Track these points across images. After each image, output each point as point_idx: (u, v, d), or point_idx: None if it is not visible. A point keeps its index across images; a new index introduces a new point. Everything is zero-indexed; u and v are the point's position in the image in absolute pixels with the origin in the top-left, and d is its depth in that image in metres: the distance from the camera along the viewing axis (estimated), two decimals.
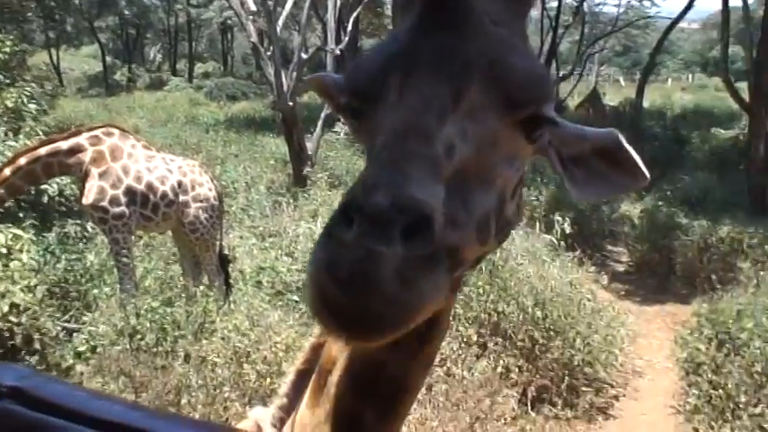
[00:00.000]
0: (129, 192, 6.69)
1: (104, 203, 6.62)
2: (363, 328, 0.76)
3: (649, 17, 37.65)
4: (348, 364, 1.19)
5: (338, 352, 1.23)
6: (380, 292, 0.73)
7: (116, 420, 1.00)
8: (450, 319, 1.29)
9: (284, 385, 1.42)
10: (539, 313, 6.93)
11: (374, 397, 1.17)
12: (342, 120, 19.34)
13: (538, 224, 10.97)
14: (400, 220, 0.74)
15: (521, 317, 6.91)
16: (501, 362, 6.67)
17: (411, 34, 0.96)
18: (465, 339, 6.71)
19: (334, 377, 1.21)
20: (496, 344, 6.84)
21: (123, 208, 6.67)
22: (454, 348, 6.52)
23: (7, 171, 6.48)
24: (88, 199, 6.64)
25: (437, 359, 6.28)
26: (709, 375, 6.64)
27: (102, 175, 6.64)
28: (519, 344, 6.84)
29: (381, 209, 0.74)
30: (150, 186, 6.86)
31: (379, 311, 0.74)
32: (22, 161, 6.49)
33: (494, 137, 0.94)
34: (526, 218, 11.75)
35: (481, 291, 7.05)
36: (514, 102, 0.95)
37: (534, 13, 31.25)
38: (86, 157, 6.65)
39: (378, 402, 1.17)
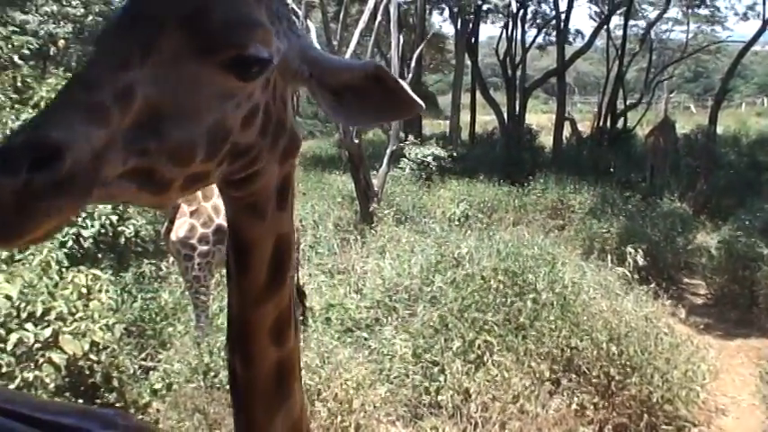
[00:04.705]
0: (219, 231, 6.69)
1: (193, 241, 6.72)
2: None
3: (721, 42, 36.77)
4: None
5: None
6: None
7: None
8: (289, 251, 1.36)
9: None
10: (614, 349, 6.72)
11: (233, 341, 1.35)
12: (407, 156, 19.10)
13: (609, 257, 10.72)
14: (27, 155, 0.85)
15: (595, 352, 6.72)
16: (575, 399, 6.51)
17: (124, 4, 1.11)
18: (538, 375, 6.58)
19: None
20: (570, 380, 6.68)
21: (210, 247, 6.75)
22: (527, 385, 6.40)
23: None
24: (178, 235, 6.72)
25: (509, 395, 6.22)
26: None
27: (193, 213, 6.75)
28: (594, 380, 6.65)
29: (11, 147, 0.86)
30: None
31: None
32: None
33: (194, 79, 1.05)
34: (597, 250, 11.53)
35: (553, 326, 6.91)
36: (211, 47, 1.06)
37: (599, 42, 31.01)
38: None
39: (237, 348, 1.35)
